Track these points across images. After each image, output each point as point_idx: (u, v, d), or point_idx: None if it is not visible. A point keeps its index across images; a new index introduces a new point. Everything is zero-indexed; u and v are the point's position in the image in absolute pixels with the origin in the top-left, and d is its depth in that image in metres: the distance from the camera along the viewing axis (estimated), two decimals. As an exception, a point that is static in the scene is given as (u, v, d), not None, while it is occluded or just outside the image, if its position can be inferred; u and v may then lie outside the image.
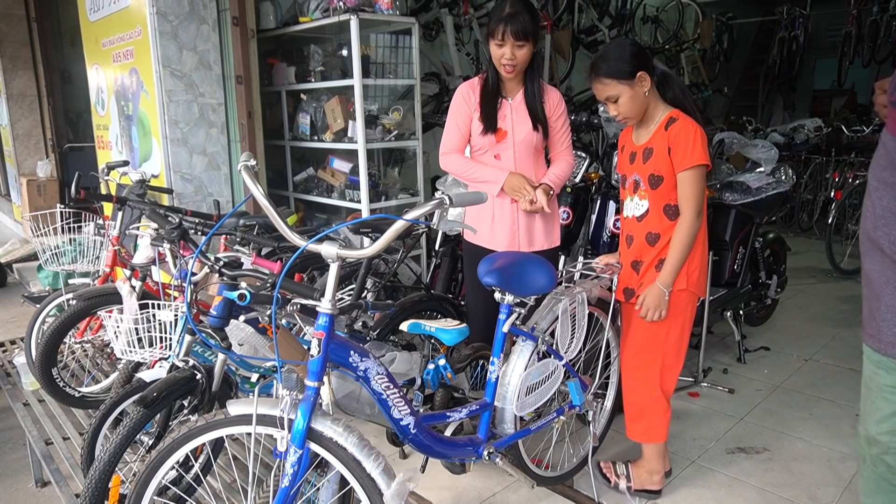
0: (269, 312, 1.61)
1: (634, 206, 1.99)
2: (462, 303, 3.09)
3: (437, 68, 4.86)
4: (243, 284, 1.66)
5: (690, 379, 3.02)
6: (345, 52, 3.41)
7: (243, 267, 1.89)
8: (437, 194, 1.32)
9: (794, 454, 2.43)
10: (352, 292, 2.51)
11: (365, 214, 3.37)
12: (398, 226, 1.31)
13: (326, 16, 3.30)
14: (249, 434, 1.41)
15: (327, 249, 1.36)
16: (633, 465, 2.20)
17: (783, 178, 3.27)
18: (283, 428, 1.37)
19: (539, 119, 2.25)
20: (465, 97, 2.27)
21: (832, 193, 5.32)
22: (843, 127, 6.18)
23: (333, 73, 3.51)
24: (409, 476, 1.37)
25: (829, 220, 4.79)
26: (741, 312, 3.38)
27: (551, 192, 2.24)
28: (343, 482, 1.55)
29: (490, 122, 2.22)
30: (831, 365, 3.27)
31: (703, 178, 1.88)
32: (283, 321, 2.06)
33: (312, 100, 3.67)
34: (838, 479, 2.26)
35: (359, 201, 3.40)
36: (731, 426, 2.64)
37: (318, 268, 2.85)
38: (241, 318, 1.68)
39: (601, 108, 2.83)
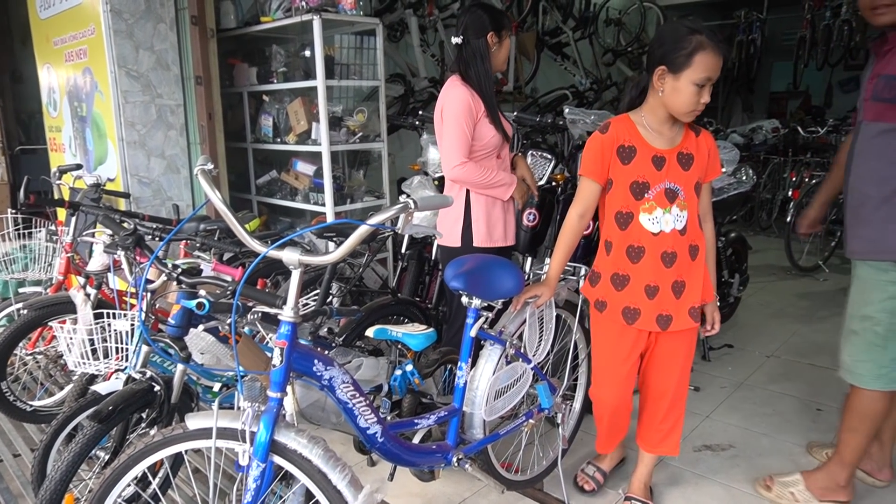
0: (229, 321, 1.56)
1: (674, 217, 1.74)
2: (429, 306, 3.07)
3: (402, 70, 4.83)
4: (202, 292, 1.60)
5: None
6: (308, 53, 3.35)
7: (203, 274, 1.83)
8: (402, 198, 1.29)
9: (758, 450, 2.47)
10: (317, 297, 2.46)
11: (330, 217, 3.32)
12: (362, 231, 1.28)
13: (289, 16, 3.24)
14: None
15: (288, 256, 1.32)
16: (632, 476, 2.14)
17: (744, 178, 3.34)
18: (244, 441, 1.32)
19: (506, 117, 2.44)
20: (472, 102, 2.24)
21: (790, 193, 5.45)
22: (799, 128, 6.34)
23: (296, 74, 3.45)
24: (377, 487, 1.34)
25: (788, 219, 4.91)
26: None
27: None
28: (309, 494, 1.51)
29: (500, 124, 2.31)
30: (792, 360, 3.35)
31: None
32: (246, 329, 2.01)
33: (275, 101, 3.60)
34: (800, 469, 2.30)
35: (323, 204, 3.35)
36: (697, 424, 2.67)
37: (282, 273, 2.79)
38: (201, 327, 1.62)
39: (566, 110, 2.84)
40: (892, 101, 1.75)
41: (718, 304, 3.31)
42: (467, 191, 2.32)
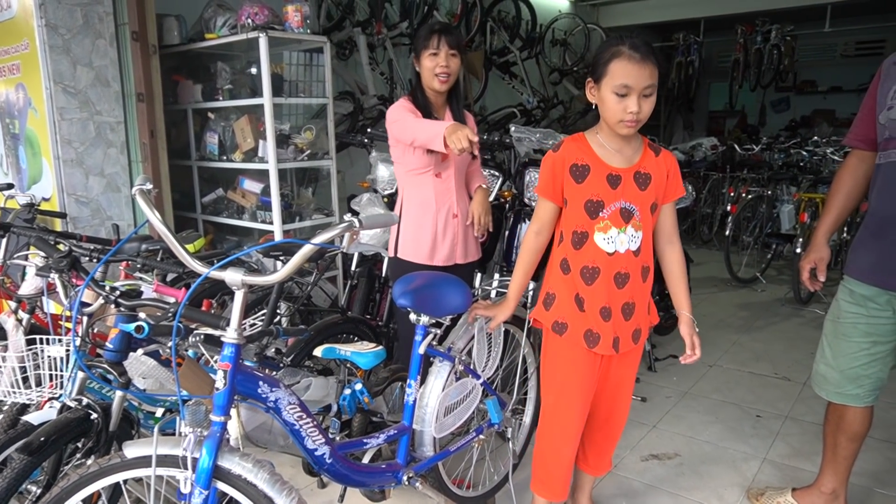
0: (170, 344, 1.52)
1: (628, 238, 1.68)
2: (380, 324, 3.05)
3: (351, 87, 4.83)
4: (142, 315, 1.56)
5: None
6: (254, 71, 3.32)
7: (144, 295, 1.78)
8: (347, 216, 1.29)
9: (702, 458, 2.54)
10: (264, 318, 2.42)
11: (278, 236, 3.28)
12: (306, 250, 1.28)
13: (234, 33, 3.20)
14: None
15: (231, 276, 1.30)
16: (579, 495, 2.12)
17: (685, 193, 3.46)
18: (186, 468, 1.28)
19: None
20: (412, 109, 2.26)
21: (728, 207, 5.68)
22: (736, 145, 6.64)
23: (243, 91, 3.41)
24: (324, 510, 1.32)
25: (727, 233, 5.11)
26: (650, 323, 3.53)
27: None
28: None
29: None
30: (733, 369, 3.47)
31: None
32: (190, 352, 1.95)
33: (221, 118, 3.55)
34: (742, 479, 2.39)
35: (271, 223, 3.30)
36: (644, 434, 2.74)
37: (229, 293, 2.73)
38: (140, 351, 1.57)
39: (512, 129, 2.90)
40: None
41: (664, 315, 3.42)
42: (401, 202, 2.35)
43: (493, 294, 2.67)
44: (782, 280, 5.31)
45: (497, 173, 3.15)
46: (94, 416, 1.64)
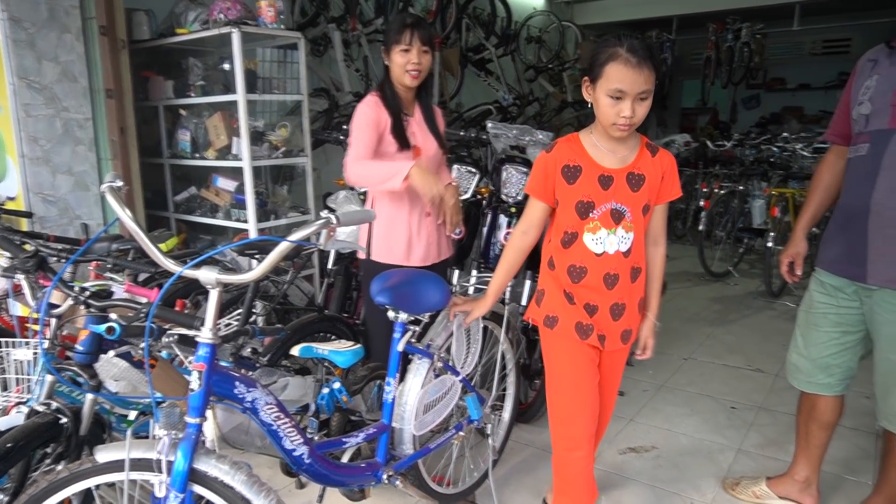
0: (142, 345, 1.48)
1: (619, 239, 1.66)
2: (357, 322, 3.03)
3: (326, 84, 4.78)
4: (114, 316, 1.52)
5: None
6: (227, 66, 3.26)
7: (115, 296, 1.74)
8: (324, 213, 1.27)
9: (679, 450, 2.58)
10: (239, 317, 2.38)
11: (253, 234, 3.23)
12: (282, 248, 1.25)
13: (206, 28, 3.15)
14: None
15: (205, 275, 1.27)
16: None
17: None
18: (161, 471, 1.25)
19: (439, 135, 2.37)
20: (376, 113, 2.21)
21: (701, 203, 5.76)
22: (708, 142, 6.73)
23: (215, 87, 3.35)
24: (303, 510, 1.30)
25: (700, 228, 5.18)
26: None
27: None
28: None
29: (404, 139, 2.22)
30: (707, 362, 3.52)
31: None
32: (163, 353, 1.92)
33: (193, 115, 3.48)
34: (718, 469, 2.42)
35: (246, 221, 3.26)
36: (622, 427, 2.76)
37: (203, 293, 2.68)
38: (112, 353, 1.53)
39: (489, 125, 2.89)
40: None
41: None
42: (372, 203, 2.33)
43: (470, 290, 2.67)
44: (754, 274, 5.40)
45: (474, 170, 3.14)
46: (64, 420, 1.60)
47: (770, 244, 4.58)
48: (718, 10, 7.34)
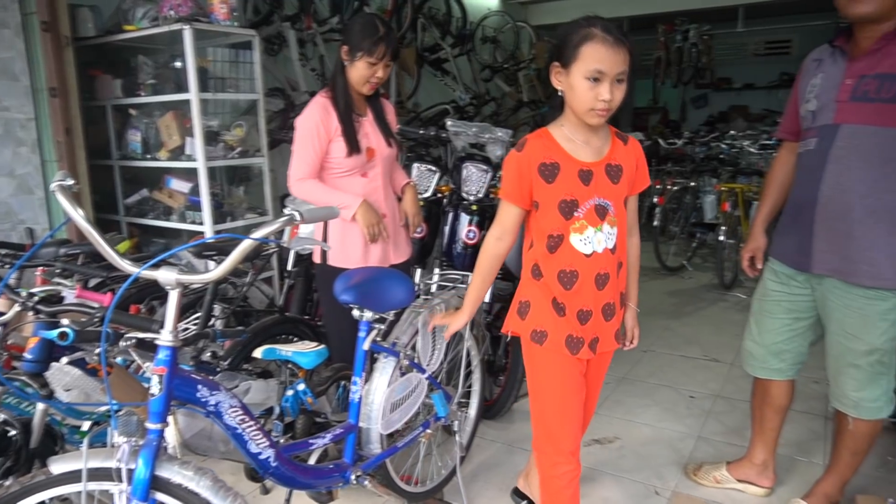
0: (98, 351, 1.43)
1: (605, 236, 1.56)
2: (319, 323, 2.99)
3: (281, 84, 4.71)
4: (65, 321, 1.46)
5: (546, 379, 3.16)
6: (179, 65, 3.17)
7: (65, 301, 1.67)
8: (287, 210, 1.25)
9: (641, 440, 2.63)
10: (198, 321, 2.32)
11: (209, 237, 3.16)
12: (245, 245, 1.22)
13: (155, 25, 3.05)
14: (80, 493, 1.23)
15: (164, 275, 1.23)
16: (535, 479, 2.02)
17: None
18: (121, 480, 1.21)
19: (391, 134, 2.34)
20: (323, 118, 2.15)
21: (655, 199, 5.90)
22: (660, 140, 6.90)
23: (167, 86, 3.25)
24: (272, 514, 1.28)
25: (655, 223, 5.31)
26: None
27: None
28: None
29: (355, 143, 2.18)
30: (665, 353, 3.60)
31: None
32: (119, 359, 1.85)
33: (144, 115, 3.38)
34: (679, 457, 2.48)
35: (201, 223, 3.18)
36: (585, 420, 2.80)
37: (156, 297, 2.60)
38: (64, 359, 1.47)
39: (449, 123, 2.89)
40: (893, 101, 1.67)
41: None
42: None
43: (433, 288, 2.66)
44: (707, 267, 5.56)
45: (434, 168, 3.14)
46: (13, 432, 1.53)
47: (721, 238, 4.72)
48: (667, 11, 7.54)
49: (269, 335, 2.21)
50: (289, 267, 3.12)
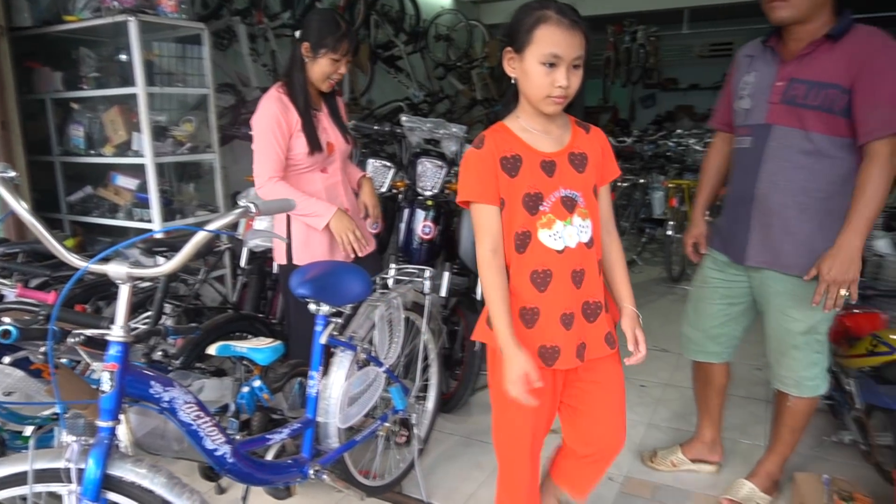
0: (43, 349, 1.38)
1: (577, 229, 1.45)
2: (274, 321, 2.95)
3: (231, 79, 4.61)
4: (6, 319, 1.41)
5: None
6: (124, 58, 3.08)
7: (5, 300, 1.60)
8: (243, 201, 1.24)
9: (594, 428, 2.69)
10: (147, 322, 2.26)
11: (157, 235, 3.08)
12: (198, 238, 1.21)
13: (98, 16, 2.96)
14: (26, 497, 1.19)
15: (115, 269, 1.21)
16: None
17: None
18: (70, 481, 1.17)
19: (346, 129, 2.35)
20: (282, 112, 2.12)
21: (606, 196, 6.04)
22: (610, 138, 7.05)
23: (112, 80, 3.15)
24: (229, 509, 1.26)
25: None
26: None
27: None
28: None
29: (315, 139, 2.16)
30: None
31: None
32: (64, 360, 1.79)
33: (87, 109, 3.26)
34: (631, 444, 2.56)
35: (150, 220, 3.10)
36: (540, 411, 2.85)
37: (102, 297, 2.52)
38: (7, 359, 1.42)
39: (404, 118, 2.90)
40: (818, 108, 1.75)
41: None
42: None
43: (390, 283, 2.67)
44: (656, 261, 5.73)
45: (389, 164, 3.14)
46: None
47: (670, 233, 4.88)
48: (616, 12, 7.72)
49: (224, 333, 2.17)
50: (242, 264, 3.08)
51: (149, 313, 2.27)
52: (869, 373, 2.25)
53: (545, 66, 1.35)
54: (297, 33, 2.15)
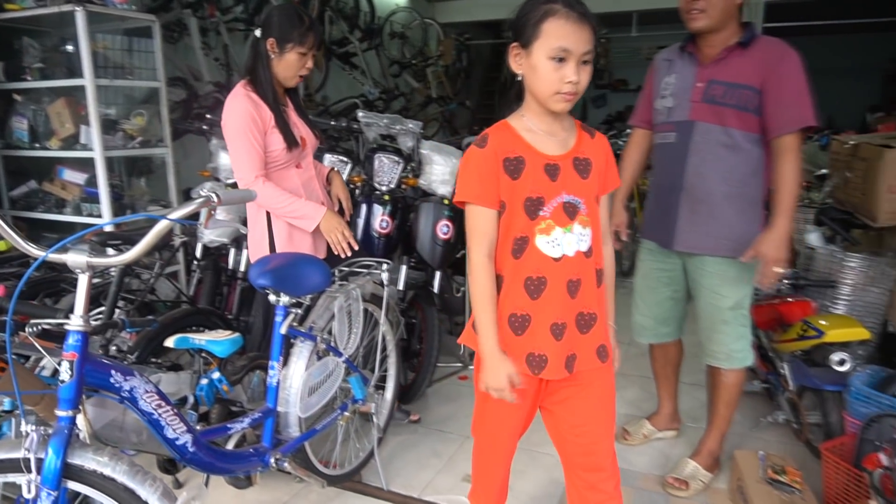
0: (-3, 341, 1.37)
1: (577, 237, 1.39)
2: (229, 316, 2.94)
3: (183, 73, 4.54)
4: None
5: (459, 364, 3.28)
6: (70, 48, 3.01)
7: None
8: (204, 191, 1.25)
9: (547, 415, 2.79)
10: (100, 318, 2.23)
11: (107, 230, 3.01)
12: (161, 227, 1.22)
13: (42, 5, 2.88)
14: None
15: (74, 258, 1.21)
16: None
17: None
18: (29, 470, 1.17)
19: (312, 124, 2.36)
20: (254, 109, 2.09)
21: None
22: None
23: (57, 71, 3.07)
24: (193, 494, 1.28)
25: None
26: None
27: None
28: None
29: (290, 135, 2.15)
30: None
31: None
32: (13, 355, 1.76)
33: (30, 101, 3.17)
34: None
35: (100, 215, 3.04)
36: (496, 400, 2.93)
37: (50, 294, 2.47)
38: (-42, 352, 1.39)
39: (361, 114, 2.93)
40: (735, 107, 1.96)
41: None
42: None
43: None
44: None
45: (346, 159, 3.16)
46: None
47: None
48: (567, 14, 7.88)
49: (180, 327, 2.16)
50: (196, 259, 3.05)
51: (101, 308, 2.23)
52: (800, 356, 2.41)
53: (554, 60, 1.30)
54: (258, 31, 2.12)
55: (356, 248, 2.23)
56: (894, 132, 3.12)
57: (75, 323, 1.22)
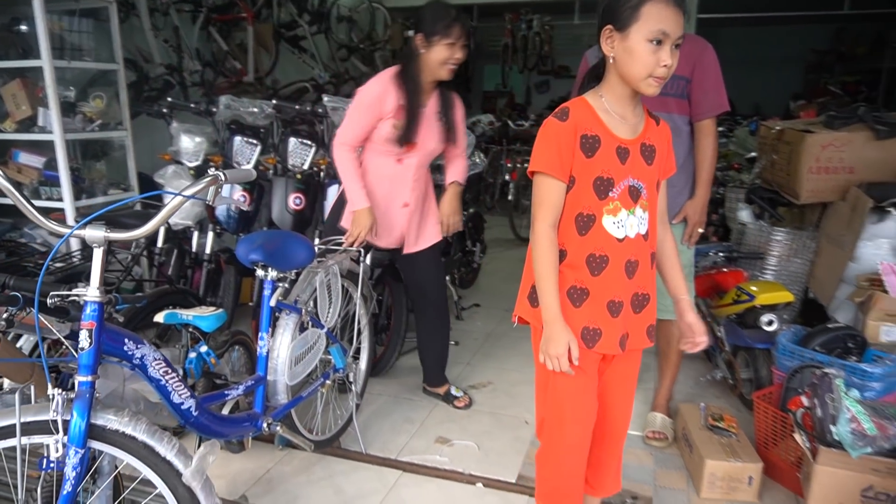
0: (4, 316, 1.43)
1: (638, 220, 1.44)
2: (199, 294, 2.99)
3: (132, 55, 4.46)
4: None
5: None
6: (24, 28, 2.96)
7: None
8: (211, 171, 1.35)
9: (511, 382, 2.99)
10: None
11: (69, 214, 3.01)
12: (175, 202, 1.31)
13: (-6, -16, 2.83)
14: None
15: (92, 234, 1.29)
16: None
17: (477, 160, 3.90)
18: (57, 431, 1.26)
19: (452, 130, 2.39)
20: (381, 98, 2.20)
21: (507, 176, 6.40)
22: (509, 122, 7.43)
23: (10, 52, 3.02)
24: (208, 450, 1.39)
25: (510, 198, 5.78)
26: (455, 277, 3.94)
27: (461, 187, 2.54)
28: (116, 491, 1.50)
29: (403, 134, 2.24)
30: (524, 312, 4.03)
31: None
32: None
33: (-18, 83, 3.09)
34: (542, 394, 2.87)
35: (59, 199, 3.02)
36: (461, 371, 3.11)
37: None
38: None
39: (326, 98, 3.01)
40: (675, 95, 2.19)
41: (465, 269, 3.78)
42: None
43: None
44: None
45: (309, 143, 3.24)
46: None
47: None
48: (513, 1, 8.07)
49: (163, 304, 2.22)
50: (159, 244, 3.07)
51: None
52: (734, 320, 2.69)
53: (652, 43, 1.32)
54: (411, 32, 2.26)
55: (361, 249, 2.35)
56: (814, 118, 3.44)
57: (92, 294, 1.31)
